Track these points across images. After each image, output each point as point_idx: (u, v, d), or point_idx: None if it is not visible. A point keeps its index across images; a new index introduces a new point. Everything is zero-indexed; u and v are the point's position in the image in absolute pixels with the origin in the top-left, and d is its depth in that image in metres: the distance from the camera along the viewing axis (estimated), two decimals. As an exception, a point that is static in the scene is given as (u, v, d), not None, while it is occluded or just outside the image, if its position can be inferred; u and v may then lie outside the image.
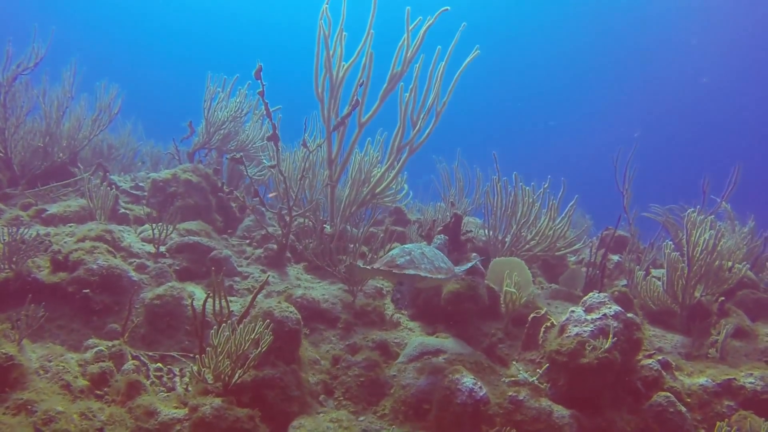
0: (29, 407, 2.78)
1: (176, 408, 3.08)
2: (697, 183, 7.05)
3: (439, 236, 4.93)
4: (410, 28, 5.19)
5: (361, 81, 5.11)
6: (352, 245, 5.02)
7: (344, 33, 5.36)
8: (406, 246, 3.95)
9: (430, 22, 5.19)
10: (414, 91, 5.42)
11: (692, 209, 5.06)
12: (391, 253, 3.82)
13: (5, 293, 3.88)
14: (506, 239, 5.88)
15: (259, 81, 4.39)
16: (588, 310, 3.79)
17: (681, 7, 34.14)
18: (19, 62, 6.39)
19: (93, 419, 2.83)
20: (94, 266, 4.10)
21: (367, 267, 3.90)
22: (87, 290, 3.98)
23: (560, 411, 3.41)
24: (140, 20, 42.83)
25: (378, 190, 5.56)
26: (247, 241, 5.83)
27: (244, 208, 6.48)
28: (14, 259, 4.03)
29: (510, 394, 3.50)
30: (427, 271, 3.67)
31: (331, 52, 5.31)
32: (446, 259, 4.07)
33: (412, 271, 3.61)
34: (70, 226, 5.16)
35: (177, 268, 4.69)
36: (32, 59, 6.39)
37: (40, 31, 6.62)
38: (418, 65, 5.39)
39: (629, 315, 3.75)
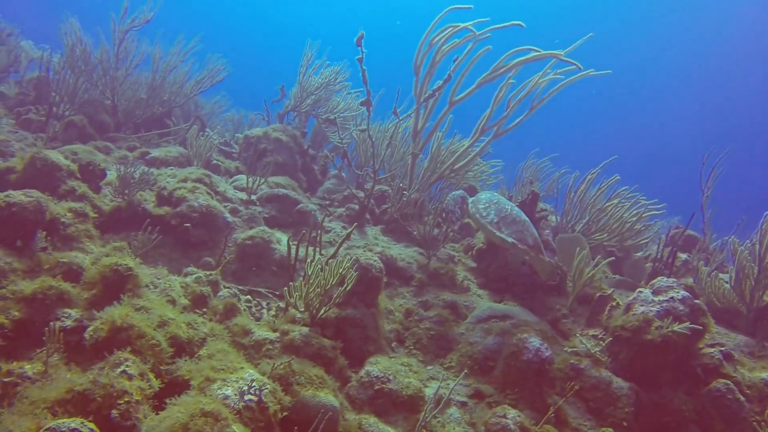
0: (144, 312, 3.15)
1: (267, 331, 3.41)
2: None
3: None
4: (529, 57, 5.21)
5: (456, 58, 5.22)
6: (427, 215, 5.26)
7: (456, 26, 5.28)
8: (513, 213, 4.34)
9: (557, 55, 5.16)
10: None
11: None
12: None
13: (119, 219, 4.32)
14: (576, 227, 6.00)
15: (359, 48, 4.65)
16: (656, 292, 3.92)
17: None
18: (134, 17, 6.90)
19: (197, 330, 3.18)
20: (195, 204, 4.48)
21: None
22: (188, 225, 4.37)
23: (619, 382, 3.58)
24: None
25: (457, 166, 5.75)
26: (327, 202, 6.15)
27: (325, 172, 6.81)
28: (126, 191, 4.47)
29: (572, 361, 3.69)
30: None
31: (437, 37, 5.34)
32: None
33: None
34: (171, 169, 5.60)
35: (266, 216, 5.05)
36: (141, 18, 6.95)
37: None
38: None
39: (696, 301, 3.85)
